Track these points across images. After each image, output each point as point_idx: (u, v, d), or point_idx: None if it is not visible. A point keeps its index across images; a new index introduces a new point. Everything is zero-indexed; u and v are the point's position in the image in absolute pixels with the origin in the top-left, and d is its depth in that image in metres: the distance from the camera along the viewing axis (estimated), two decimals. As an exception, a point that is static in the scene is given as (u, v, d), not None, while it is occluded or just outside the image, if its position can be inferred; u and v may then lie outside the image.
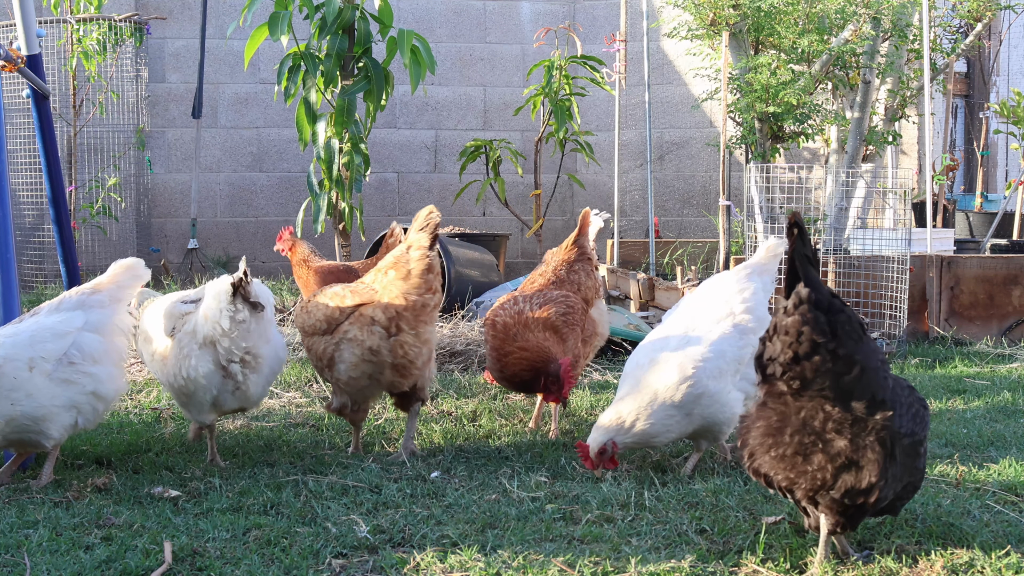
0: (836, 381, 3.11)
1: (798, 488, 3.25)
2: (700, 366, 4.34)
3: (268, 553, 3.50)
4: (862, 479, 3.15)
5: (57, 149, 6.02)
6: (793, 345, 3.09)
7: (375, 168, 12.21)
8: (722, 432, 4.50)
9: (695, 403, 4.34)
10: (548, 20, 12.47)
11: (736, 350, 4.44)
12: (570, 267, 5.56)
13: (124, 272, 4.63)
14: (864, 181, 8.80)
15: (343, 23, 7.73)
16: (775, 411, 3.23)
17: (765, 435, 3.25)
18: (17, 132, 10.91)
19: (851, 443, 3.14)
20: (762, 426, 3.26)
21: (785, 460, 3.21)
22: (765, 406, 3.26)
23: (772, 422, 3.23)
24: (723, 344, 4.42)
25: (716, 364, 4.38)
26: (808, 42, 8.46)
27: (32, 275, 11.10)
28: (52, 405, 4.23)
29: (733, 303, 4.54)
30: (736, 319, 4.50)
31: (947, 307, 7.84)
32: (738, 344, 4.44)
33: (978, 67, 13.88)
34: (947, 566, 3.37)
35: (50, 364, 4.24)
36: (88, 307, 4.46)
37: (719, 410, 4.39)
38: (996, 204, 11.89)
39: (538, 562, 3.40)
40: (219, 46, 12.14)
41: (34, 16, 5.81)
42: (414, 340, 4.63)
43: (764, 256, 4.78)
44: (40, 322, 4.34)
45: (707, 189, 12.72)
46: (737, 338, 4.46)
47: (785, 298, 3.15)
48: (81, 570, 3.32)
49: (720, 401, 4.38)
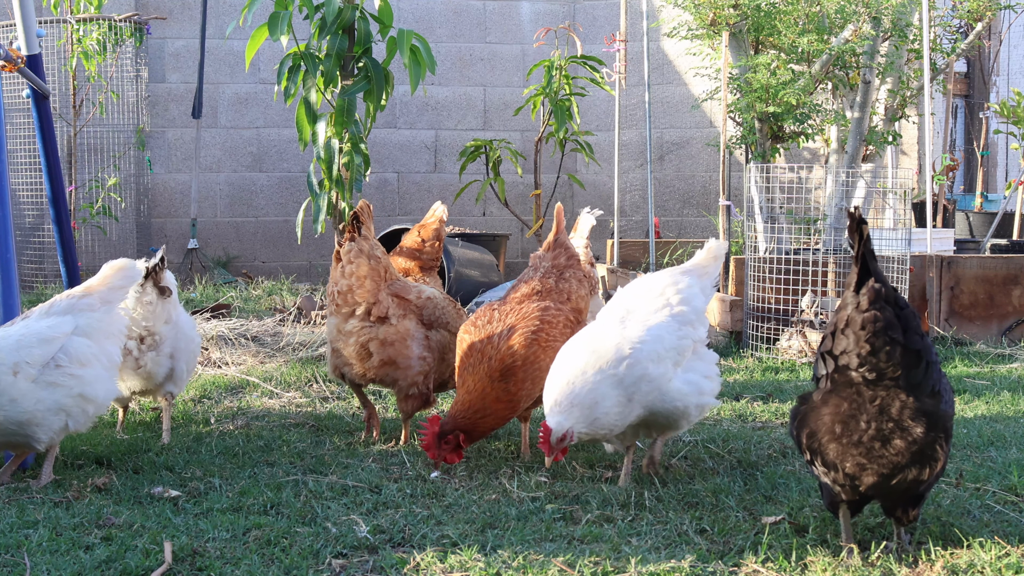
0: (907, 372, 3.27)
1: (868, 473, 3.34)
2: (638, 347, 4.19)
3: (268, 553, 3.50)
4: (936, 464, 3.33)
5: (57, 149, 6.02)
6: (871, 339, 3.24)
7: (375, 168, 12.22)
8: (672, 423, 4.32)
9: (636, 386, 4.15)
10: (548, 20, 12.48)
11: (675, 339, 4.28)
12: (560, 275, 4.93)
13: (116, 274, 4.62)
14: (864, 181, 8.80)
15: (343, 23, 7.73)
16: (847, 400, 3.34)
17: (836, 422, 3.36)
18: (17, 132, 10.91)
19: (925, 430, 3.29)
20: (832, 413, 3.37)
21: (860, 446, 3.32)
22: (834, 395, 3.37)
23: (844, 410, 3.34)
24: (660, 330, 4.27)
25: (654, 348, 4.21)
26: (808, 42, 8.45)
27: (32, 275, 11.10)
28: (37, 410, 4.21)
29: (669, 294, 4.39)
30: (674, 310, 4.35)
31: (947, 307, 7.84)
32: (677, 333, 4.29)
33: (978, 67, 13.88)
34: (947, 566, 3.37)
35: (35, 369, 4.22)
36: (78, 311, 4.45)
37: (660, 398, 4.20)
38: (996, 204, 11.89)
39: (538, 562, 3.40)
40: (219, 46, 12.14)
41: (34, 16, 5.81)
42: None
43: (705, 258, 4.62)
44: (29, 326, 4.33)
45: (707, 189, 12.72)
46: (676, 327, 4.31)
47: (855, 293, 3.28)
48: (81, 570, 3.32)
49: (662, 389, 4.20)
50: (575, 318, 4.83)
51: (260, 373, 6.51)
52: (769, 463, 4.62)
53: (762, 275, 7.43)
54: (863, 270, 3.29)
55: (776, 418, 5.57)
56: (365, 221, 5.00)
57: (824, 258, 7.51)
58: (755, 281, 7.46)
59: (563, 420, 4.10)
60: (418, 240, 6.18)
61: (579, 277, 4.98)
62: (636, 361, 4.16)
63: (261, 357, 6.94)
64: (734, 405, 5.89)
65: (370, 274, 4.92)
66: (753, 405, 5.90)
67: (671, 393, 4.24)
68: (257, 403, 5.90)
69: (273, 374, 6.46)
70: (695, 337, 4.40)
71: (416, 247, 6.19)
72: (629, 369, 4.15)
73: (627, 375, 4.15)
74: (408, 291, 5.04)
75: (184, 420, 5.49)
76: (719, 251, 4.61)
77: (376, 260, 4.95)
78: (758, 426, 5.38)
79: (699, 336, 4.43)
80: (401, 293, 5.00)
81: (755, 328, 7.41)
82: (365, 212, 5.03)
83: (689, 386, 4.30)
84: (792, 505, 3.98)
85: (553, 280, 4.89)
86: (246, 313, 8.62)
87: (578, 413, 4.11)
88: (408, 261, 6.28)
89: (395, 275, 5.12)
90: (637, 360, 4.17)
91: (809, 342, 7.09)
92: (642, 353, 4.18)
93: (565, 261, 4.99)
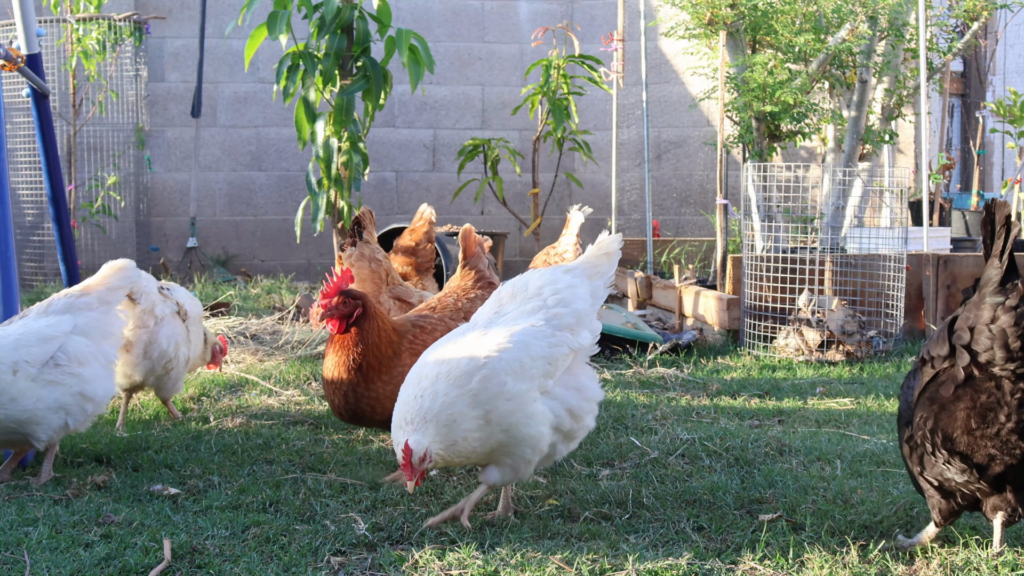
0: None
1: (996, 463, 3.36)
2: (495, 356, 3.64)
3: (267, 551, 3.51)
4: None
5: (57, 148, 6.03)
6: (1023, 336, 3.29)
7: (374, 167, 12.23)
8: (525, 457, 3.69)
9: (492, 403, 3.60)
10: (546, 19, 12.49)
11: (546, 347, 3.72)
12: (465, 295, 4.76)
13: (114, 274, 4.65)
14: (861, 180, 8.82)
15: (342, 22, 7.75)
16: (986, 393, 3.36)
17: (972, 415, 3.37)
18: (17, 131, 10.93)
19: None
20: (967, 406, 3.38)
21: (998, 438, 3.34)
22: (968, 388, 3.38)
23: (983, 402, 3.36)
24: (527, 336, 3.72)
25: (517, 357, 3.65)
26: (805, 41, 8.47)
27: (32, 273, 11.11)
28: (37, 408, 4.23)
29: (545, 294, 3.86)
30: (550, 312, 3.82)
31: (943, 305, 7.86)
32: (548, 340, 3.74)
33: (974, 66, 13.90)
34: (943, 564, 3.39)
35: (34, 368, 4.24)
36: (76, 310, 4.48)
37: (523, 420, 3.63)
38: (993, 203, 11.87)
39: (536, 559, 3.41)
40: (218, 45, 12.15)
41: (34, 16, 5.83)
42: None
43: (594, 254, 4.07)
44: (27, 325, 4.36)
45: (704, 188, 12.74)
46: (548, 334, 3.75)
47: (1000, 289, 3.31)
48: (81, 567, 3.34)
49: (525, 410, 3.63)
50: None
51: (259, 371, 6.52)
52: (766, 461, 4.64)
53: (759, 273, 7.45)
54: (1010, 267, 3.33)
55: (773, 416, 5.59)
56: (367, 226, 5.06)
57: (821, 257, 7.53)
58: (752, 280, 7.48)
59: (421, 438, 3.57)
60: (411, 244, 6.24)
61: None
62: (492, 371, 3.62)
63: (260, 355, 6.96)
64: (731, 403, 5.91)
65: (371, 277, 4.96)
66: (750, 403, 5.92)
67: (536, 418, 3.67)
68: (256, 401, 5.91)
69: (272, 372, 6.47)
70: (573, 345, 3.81)
71: (410, 249, 6.24)
72: (483, 383, 3.61)
73: (481, 388, 3.61)
74: (410, 295, 5.09)
75: (184, 418, 5.50)
76: (611, 246, 4.06)
77: (377, 263, 5.01)
78: (755, 424, 5.39)
79: (578, 344, 3.83)
80: (403, 296, 5.05)
81: (752, 326, 7.43)
82: (367, 217, 5.08)
83: (555, 414, 3.74)
84: (789, 503, 3.99)
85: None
86: (245, 311, 8.64)
87: (433, 431, 3.58)
88: (404, 265, 6.33)
89: (397, 279, 5.17)
90: (493, 371, 3.62)
91: (806, 340, 7.12)
92: (500, 364, 3.63)
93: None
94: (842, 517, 3.80)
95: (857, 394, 6.09)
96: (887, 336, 7.37)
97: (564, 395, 3.77)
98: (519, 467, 3.71)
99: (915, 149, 11.66)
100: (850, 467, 4.50)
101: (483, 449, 3.64)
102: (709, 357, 7.28)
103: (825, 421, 5.45)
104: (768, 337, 7.36)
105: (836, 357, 7.05)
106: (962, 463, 3.40)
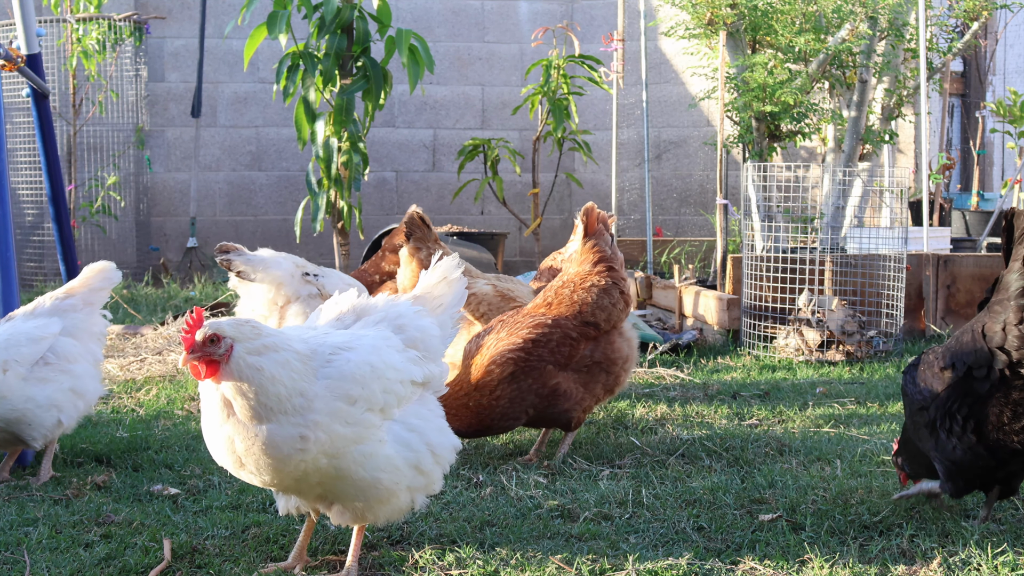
0: None
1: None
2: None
3: (267, 551, 3.52)
4: None
5: (57, 148, 6.04)
6: None
7: (373, 167, 12.23)
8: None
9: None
10: (546, 19, 12.49)
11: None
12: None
13: (96, 276, 4.70)
14: (861, 180, 8.82)
15: (342, 22, 7.75)
16: (1019, 390, 3.51)
17: (1007, 411, 3.53)
18: (17, 131, 10.94)
19: None
20: (1002, 405, 3.53)
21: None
22: (1009, 389, 3.51)
23: (1015, 399, 3.51)
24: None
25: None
26: (805, 41, 8.47)
27: (32, 273, 11.11)
28: (28, 407, 4.26)
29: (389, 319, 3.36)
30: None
31: (943, 305, 7.86)
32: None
33: (974, 66, 13.90)
34: (944, 563, 3.39)
35: (24, 367, 4.27)
36: (62, 312, 4.54)
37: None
38: (992, 203, 11.90)
39: (536, 559, 3.41)
40: (218, 45, 12.15)
41: (34, 16, 5.83)
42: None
43: (432, 282, 3.51)
44: (15, 326, 4.40)
45: (704, 188, 12.74)
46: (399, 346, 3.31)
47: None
48: (81, 567, 3.34)
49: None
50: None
51: (259, 372, 6.51)
52: (766, 461, 4.63)
53: (759, 273, 7.45)
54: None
55: (773, 416, 5.59)
56: (430, 225, 5.43)
57: (821, 257, 7.53)
58: (752, 280, 7.48)
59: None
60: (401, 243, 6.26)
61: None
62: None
63: (260, 356, 6.95)
64: (731, 403, 5.91)
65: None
66: (750, 403, 5.92)
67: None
68: (256, 401, 5.90)
69: (272, 373, 6.46)
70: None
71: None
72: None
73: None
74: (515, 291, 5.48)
75: (184, 418, 5.50)
76: (450, 272, 3.49)
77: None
78: (755, 424, 5.39)
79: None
80: (506, 293, 5.35)
81: (752, 326, 7.43)
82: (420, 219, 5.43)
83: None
84: (789, 503, 3.99)
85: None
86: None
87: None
88: (396, 264, 6.34)
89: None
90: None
91: (806, 340, 7.11)
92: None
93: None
94: (842, 517, 3.80)
95: (857, 394, 6.09)
96: (887, 336, 7.37)
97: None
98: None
99: (915, 149, 11.66)
100: (850, 467, 4.49)
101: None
102: (709, 357, 7.28)
103: (825, 421, 5.45)
104: (768, 337, 7.36)
105: (836, 357, 7.05)
106: (983, 444, 3.57)
